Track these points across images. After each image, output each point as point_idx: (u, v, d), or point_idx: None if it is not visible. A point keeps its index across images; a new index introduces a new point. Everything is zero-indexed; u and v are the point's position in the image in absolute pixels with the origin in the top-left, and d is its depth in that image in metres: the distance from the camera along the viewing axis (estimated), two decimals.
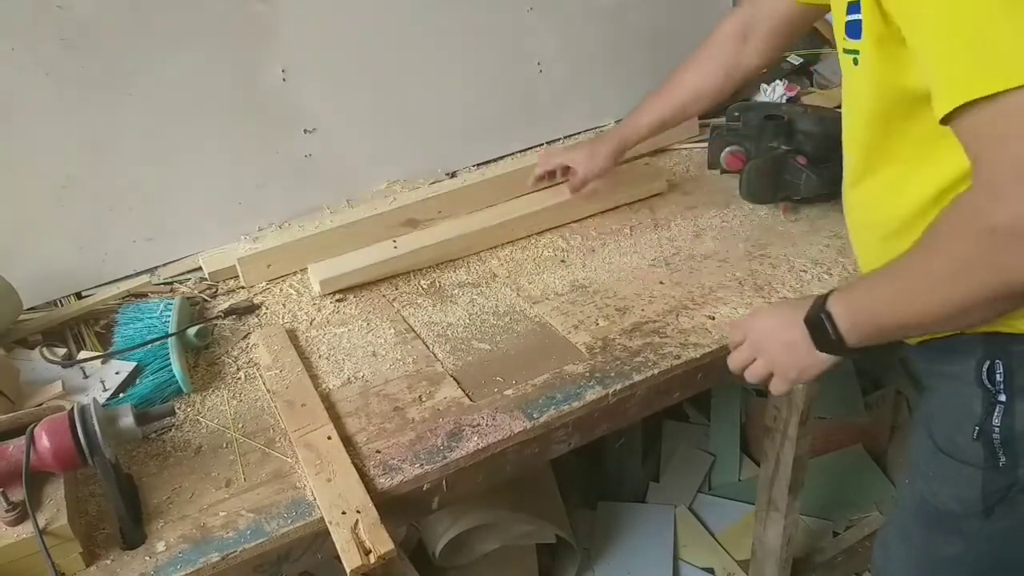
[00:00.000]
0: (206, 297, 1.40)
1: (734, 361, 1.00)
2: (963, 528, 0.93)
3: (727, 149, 1.58)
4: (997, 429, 0.85)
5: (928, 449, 0.95)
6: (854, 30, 0.81)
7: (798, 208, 1.50)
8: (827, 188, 1.40)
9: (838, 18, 0.85)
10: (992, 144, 0.68)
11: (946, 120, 0.71)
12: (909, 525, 1.01)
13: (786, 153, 1.46)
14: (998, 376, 0.85)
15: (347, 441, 1.05)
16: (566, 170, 1.50)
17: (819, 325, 0.86)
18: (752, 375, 0.98)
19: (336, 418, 1.09)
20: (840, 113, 0.96)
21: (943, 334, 0.89)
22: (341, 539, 0.90)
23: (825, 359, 0.89)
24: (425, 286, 1.40)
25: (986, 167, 0.69)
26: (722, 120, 1.64)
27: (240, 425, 1.11)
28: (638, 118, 1.43)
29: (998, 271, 0.69)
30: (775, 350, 0.93)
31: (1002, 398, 0.85)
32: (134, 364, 1.17)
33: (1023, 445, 0.85)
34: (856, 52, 0.83)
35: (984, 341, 0.85)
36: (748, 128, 1.55)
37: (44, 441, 0.88)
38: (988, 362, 0.85)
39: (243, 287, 1.42)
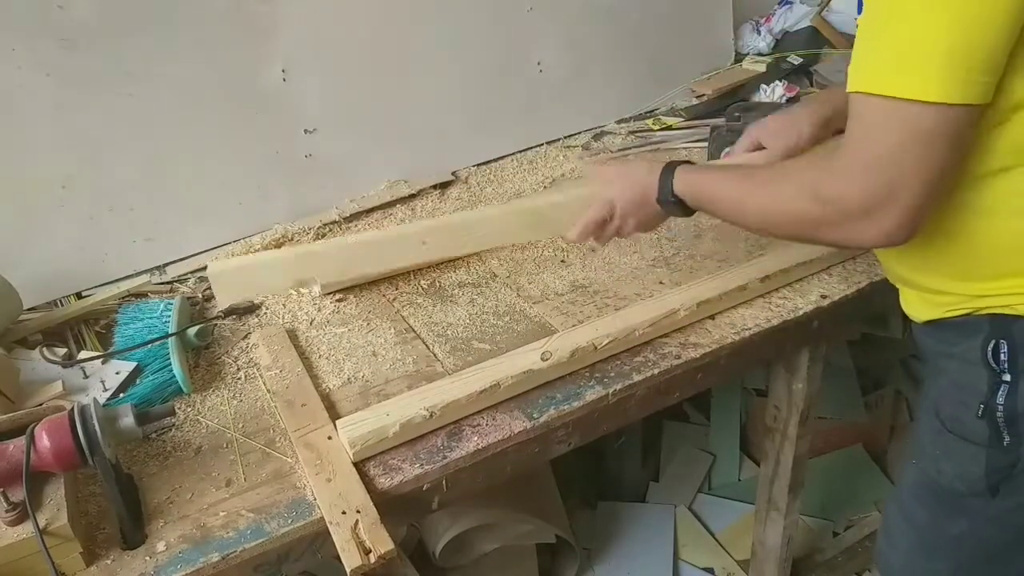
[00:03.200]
0: (206, 297, 1.40)
1: (585, 228, 1.16)
2: (967, 507, 0.94)
3: (727, 149, 1.58)
4: (1001, 408, 0.87)
5: (934, 428, 0.96)
6: None
7: None
8: None
9: None
10: (859, 137, 0.78)
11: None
12: (912, 505, 1.02)
13: None
14: (1003, 356, 0.86)
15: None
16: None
17: (666, 185, 1.07)
18: (603, 237, 1.17)
19: (336, 418, 1.09)
20: None
21: (952, 315, 0.91)
22: (341, 539, 0.90)
23: (660, 211, 1.11)
24: (425, 286, 1.40)
25: (849, 151, 0.80)
26: (722, 120, 1.63)
27: (240, 425, 1.11)
28: None
29: (815, 230, 0.85)
30: (631, 211, 1.13)
31: (1007, 377, 0.86)
32: (134, 364, 1.17)
33: None
34: None
35: (990, 321, 0.87)
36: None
37: (44, 441, 0.88)
38: (993, 342, 0.86)
39: None
